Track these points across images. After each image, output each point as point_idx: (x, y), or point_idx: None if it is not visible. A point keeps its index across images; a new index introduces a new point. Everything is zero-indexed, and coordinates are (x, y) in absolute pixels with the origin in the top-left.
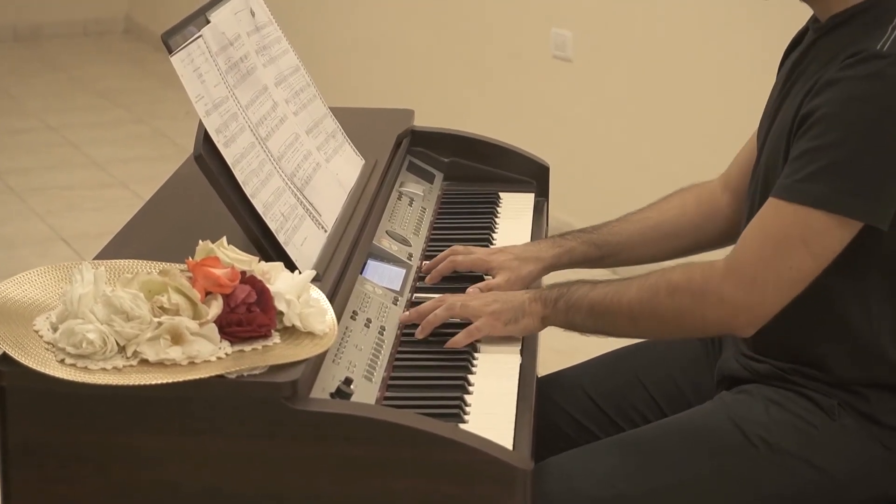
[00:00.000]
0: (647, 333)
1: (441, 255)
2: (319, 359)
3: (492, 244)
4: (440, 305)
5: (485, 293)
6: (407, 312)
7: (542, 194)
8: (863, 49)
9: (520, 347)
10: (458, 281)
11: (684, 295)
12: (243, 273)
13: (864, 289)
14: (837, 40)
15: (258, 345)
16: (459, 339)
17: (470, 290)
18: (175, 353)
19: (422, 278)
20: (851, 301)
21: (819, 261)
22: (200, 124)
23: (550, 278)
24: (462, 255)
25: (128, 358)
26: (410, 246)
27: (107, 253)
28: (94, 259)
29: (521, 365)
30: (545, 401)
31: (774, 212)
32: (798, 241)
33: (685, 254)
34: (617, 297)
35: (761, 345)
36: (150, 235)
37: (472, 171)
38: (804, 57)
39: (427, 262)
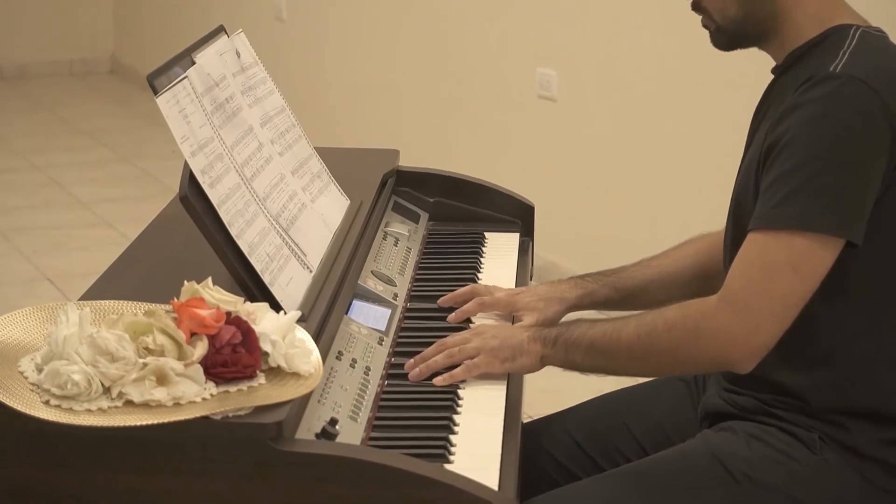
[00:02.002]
0: (645, 371)
1: (463, 292)
2: (305, 399)
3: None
4: (441, 351)
5: (484, 329)
6: (412, 360)
7: (527, 234)
8: (817, 72)
9: (505, 387)
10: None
11: (680, 331)
12: (228, 314)
13: (843, 313)
14: (795, 74)
15: (243, 385)
16: (458, 374)
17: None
18: (160, 394)
19: (410, 312)
20: (830, 326)
21: (809, 283)
22: (186, 165)
23: None
24: (489, 297)
25: (113, 399)
26: (396, 286)
27: (92, 293)
28: (79, 300)
29: (506, 405)
30: (530, 443)
31: (756, 242)
32: (785, 266)
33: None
34: (616, 335)
35: (743, 377)
36: (135, 276)
37: (458, 211)
38: (767, 98)
39: (445, 296)
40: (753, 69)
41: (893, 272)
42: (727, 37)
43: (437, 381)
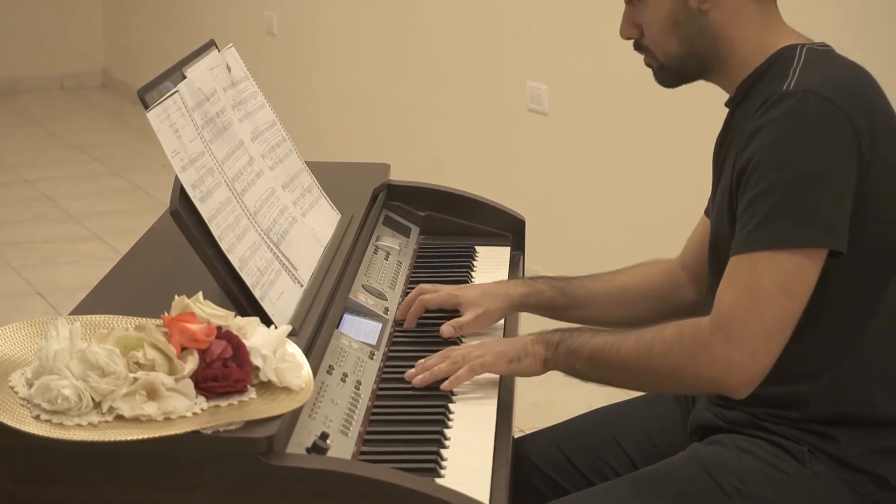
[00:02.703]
0: (643, 387)
1: (409, 297)
2: (295, 414)
3: None
4: (445, 359)
5: (486, 341)
6: (413, 370)
7: (517, 248)
8: (773, 93)
9: (496, 401)
10: (430, 319)
11: (677, 353)
12: (219, 328)
13: (830, 328)
14: (750, 102)
15: (234, 400)
16: (463, 375)
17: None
18: (151, 408)
19: (400, 326)
20: (818, 342)
21: (798, 302)
22: (176, 179)
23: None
24: (430, 294)
25: (103, 414)
26: (387, 300)
27: (83, 308)
28: (69, 314)
29: (497, 419)
30: (520, 458)
31: (741, 266)
32: (774, 289)
33: (646, 322)
34: (615, 348)
35: None
36: (126, 290)
37: (448, 225)
38: (727, 130)
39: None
40: None
41: (876, 283)
42: (670, 74)
43: (444, 385)
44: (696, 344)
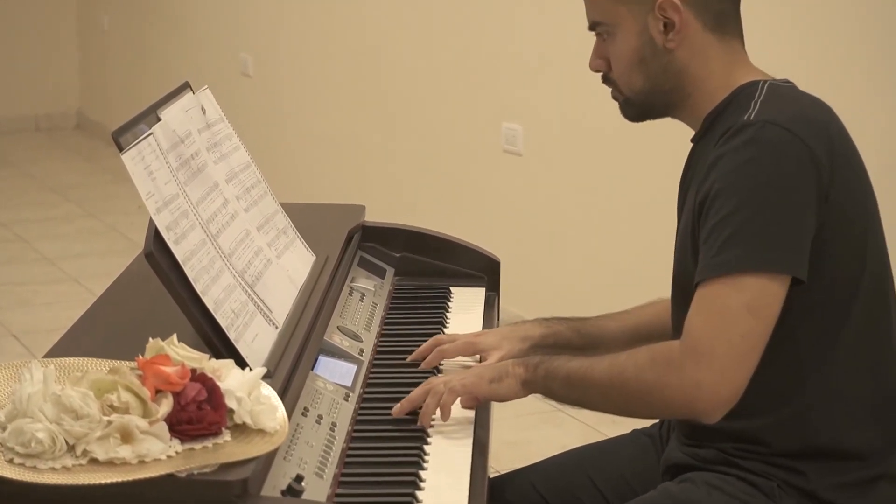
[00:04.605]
0: (617, 409)
1: (426, 345)
2: (270, 456)
3: None
4: (427, 391)
5: (467, 368)
6: (399, 406)
7: (492, 288)
8: (733, 123)
9: (471, 442)
10: (405, 360)
11: (649, 374)
12: (194, 371)
13: (792, 354)
14: (711, 135)
15: (209, 443)
16: (447, 401)
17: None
18: (125, 451)
19: (375, 368)
20: (780, 368)
21: (765, 322)
22: (151, 221)
23: None
24: (448, 344)
25: (77, 457)
26: (362, 341)
27: (57, 350)
28: (43, 357)
29: (472, 460)
30: (496, 498)
31: (707, 291)
32: (740, 309)
33: None
34: (590, 370)
35: (701, 430)
36: (100, 332)
37: (423, 266)
38: (689, 165)
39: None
40: None
41: (836, 312)
42: (634, 109)
43: (423, 420)
44: (668, 365)
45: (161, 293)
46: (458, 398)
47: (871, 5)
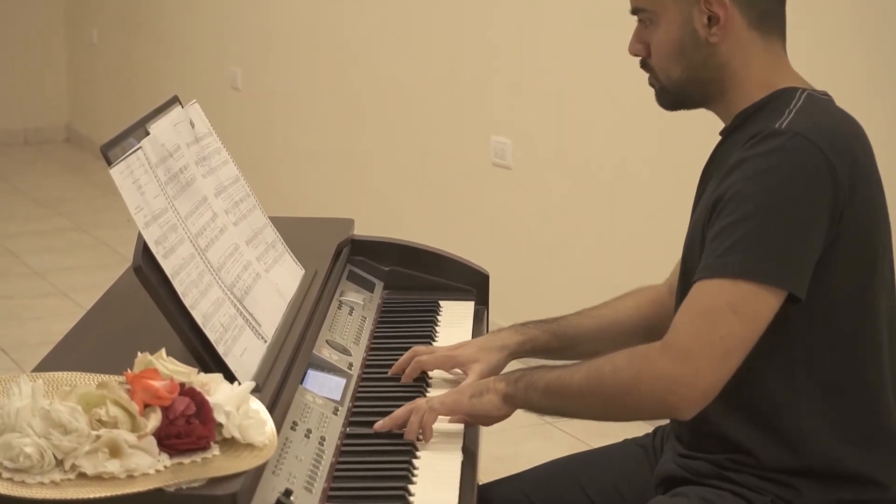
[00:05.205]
0: (595, 414)
1: (404, 357)
2: (259, 470)
3: None
4: (411, 411)
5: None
6: (381, 422)
7: (481, 302)
8: (764, 128)
9: (460, 456)
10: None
11: (625, 374)
12: (182, 385)
13: (786, 370)
14: (742, 133)
15: (197, 457)
16: (428, 419)
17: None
18: (113, 466)
19: (364, 382)
20: (775, 382)
21: (750, 328)
22: (140, 235)
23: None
24: (426, 356)
25: (66, 471)
26: (351, 355)
27: (45, 364)
28: (32, 371)
29: (461, 474)
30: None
31: (700, 290)
32: (726, 310)
33: None
34: (568, 377)
35: (695, 441)
36: (88, 347)
37: (412, 280)
38: (714, 158)
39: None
40: (708, 135)
41: (834, 334)
42: (670, 98)
43: (411, 436)
44: (644, 359)
45: (150, 307)
46: (440, 417)
47: (872, 5)
